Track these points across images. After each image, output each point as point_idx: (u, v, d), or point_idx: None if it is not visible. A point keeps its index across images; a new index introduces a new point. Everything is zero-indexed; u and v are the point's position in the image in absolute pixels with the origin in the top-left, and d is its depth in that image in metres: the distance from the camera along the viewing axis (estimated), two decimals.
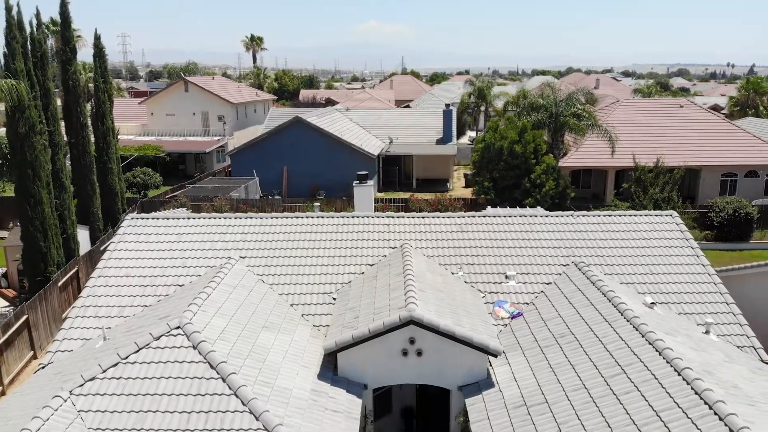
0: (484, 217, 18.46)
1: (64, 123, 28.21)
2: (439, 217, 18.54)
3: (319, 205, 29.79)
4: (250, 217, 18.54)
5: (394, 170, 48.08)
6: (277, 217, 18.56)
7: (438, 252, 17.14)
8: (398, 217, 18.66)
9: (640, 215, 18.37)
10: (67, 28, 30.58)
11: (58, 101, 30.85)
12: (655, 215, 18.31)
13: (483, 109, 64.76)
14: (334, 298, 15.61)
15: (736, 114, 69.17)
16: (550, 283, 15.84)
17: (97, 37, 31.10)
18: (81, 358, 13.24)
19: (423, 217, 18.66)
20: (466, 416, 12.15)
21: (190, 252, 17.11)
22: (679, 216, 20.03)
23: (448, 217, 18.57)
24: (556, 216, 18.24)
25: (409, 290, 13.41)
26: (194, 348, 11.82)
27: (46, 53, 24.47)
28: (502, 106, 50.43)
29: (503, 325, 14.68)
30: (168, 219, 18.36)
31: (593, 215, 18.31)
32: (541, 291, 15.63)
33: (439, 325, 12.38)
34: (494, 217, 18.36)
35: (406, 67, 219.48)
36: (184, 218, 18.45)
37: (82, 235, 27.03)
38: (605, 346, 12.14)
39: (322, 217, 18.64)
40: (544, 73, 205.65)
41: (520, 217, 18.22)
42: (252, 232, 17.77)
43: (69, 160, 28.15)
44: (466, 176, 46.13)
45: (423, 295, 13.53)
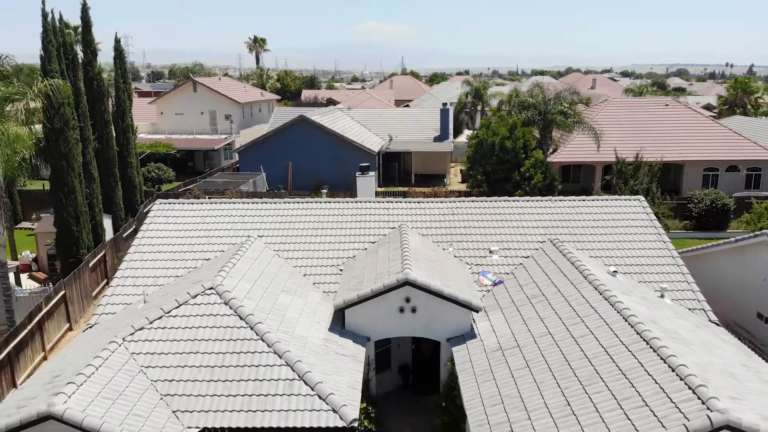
0: (472, 201, 20.81)
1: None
2: (432, 202, 20.89)
3: (326, 192, 32.04)
4: (266, 202, 20.90)
5: (393, 166, 50.37)
6: (289, 202, 20.91)
7: (431, 231, 19.49)
8: (396, 202, 21.02)
9: (612, 200, 20.72)
10: (88, 32, 32.80)
11: None
12: (624, 200, 20.66)
13: (480, 108, 66.97)
14: (341, 269, 17.96)
15: (725, 113, 71.52)
16: (528, 257, 18.19)
17: (117, 41, 33.40)
18: (126, 317, 15.57)
19: (418, 202, 21.01)
20: (453, 362, 14.49)
21: (214, 231, 19.46)
22: (659, 206, 22.34)
23: (441, 202, 20.93)
24: (536, 200, 20.59)
25: (405, 259, 15.75)
26: (225, 304, 14.17)
27: (77, 56, 26.80)
28: (497, 105, 52.68)
29: (486, 291, 17.03)
30: (192, 203, 20.71)
31: (569, 200, 20.66)
32: (520, 263, 17.99)
33: (430, 286, 14.73)
34: (481, 201, 20.69)
35: (406, 68, 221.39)
36: (206, 203, 20.81)
37: (106, 223, 29.36)
38: (569, 303, 14.49)
39: (329, 202, 21.01)
40: (543, 73, 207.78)
41: (504, 200, 20.56)
42: (268, 215, 20.12)
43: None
44: (462, 172, 48.44)
45: (417, 263, 15.87)
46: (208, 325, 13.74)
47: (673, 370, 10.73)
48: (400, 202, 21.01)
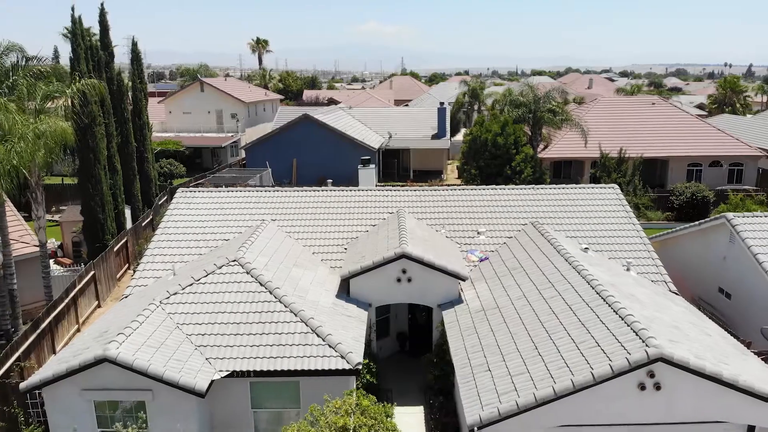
0: (463, 189, 23.09)
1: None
2: (427, 191, 23.17)
3: (331, 182, 34.29)
4: (277, 190, 23.17)
5: (393, 162, 52.68)
6: (298, 190, 23.19)
7: (426, 215, 21.76)
8: (395, 190, 23.30)
9: (588, 188, 23.00)
10: (105, 35, 35.08)
11: None
12: (600, 188, 22.94)
13: (476, 107, 69.26)
14: (346, 248, 20.23)
15: (715, 111, 73.86)
16: (512, 237, 20.46)
17: (134, 43, 35.69)
18: (158, 287, 17.82)
19: (415, 191, 23.29)
20: (443, 323, 16.75)
21: (231, 216, 21.72)
22: (641, 197, 24.42)
23: (435, 190, 23.21)
24: (520, 188, 22.89)
25: (402, 237, 18.02)
26: (247, 273, 16.44)
27: (101, 58, 29.07)
28: (491, 104, 54.93)
29: (473, 266, 19.29)
30: (211, 191, 22.98)
31: (550, 188, 22.94)
32: (504, 243, 20.27)
33: (424, 258, 17.01)
34: (470, 189, 22.97)
35: (406, 68, 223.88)
36: (224, 191, 23.08)
37: (126, 213, 31.65)
38: (543, 273, 16.76)
39: (335, 190, 23.28)
40: (541, 73, 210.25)
41: (491, 189, 22.83)
42: (279, 201, 22.39)
43: None
44: (458, 168, 50.68)
45: (413, 241, 18.13)
46: (232, 291, 16.01)
47: (622, 319, 12.99)
48: (398, 191, 23.29)
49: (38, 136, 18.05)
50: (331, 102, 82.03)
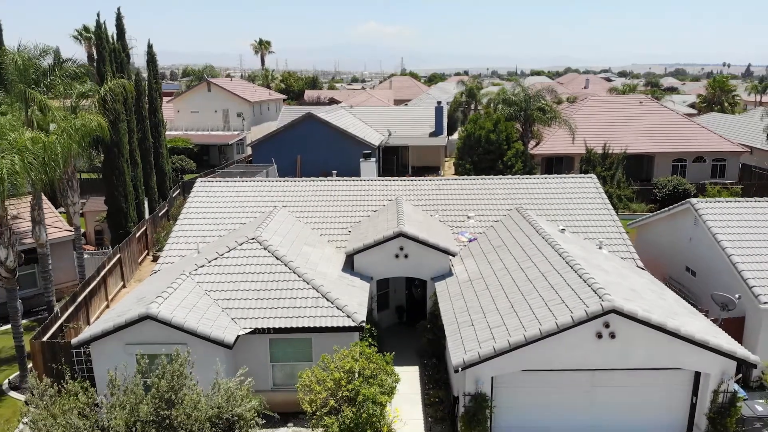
0: (455, 179, 25.47)
1: None
2: (423, 181, 25.54)
3: (336, 172, 36.66)
4: (287, 181, 25.55)
5: (392, 159, 55.04)
6: (306, 180, 25.56)
7: (421, 202, 24.14)
8: (394, 181, 25.68)
9: (569, 177, 25.38)
10: (122, 38, 37.43)
11: None
12: (579, 177, 25.32)
13: (473, 107, 71.59)
14: (349, 231, 22.61)
15: (704, 110, 76.20)
16: (498, 221, 22.85)
17: (150, 46, 38.04)
18: (184, 263, 20.18)
19: (411, 181, 25.67)
20: (435, 294, 19.12)
21: (246, 203, 24.09)
22: (624, 189, 26.67)
23: (430, 180, 25.59)
24: (507, 178, 25.27)
25: (400, 219, 20.40)
26: (265, 249, 18.83)
27: (124, 60, 31.45)
28: (486, 103, 57.31)
29: (463, 246, 21.66)
30: (227, 181, 25.36)
31: (534, 177, 25.34)
32: (491, 225, 22.65)
33: (419, 236, 19.40)
34: (462, 179, 25.35)
35: (406, 69, 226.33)
36: (239, 181, 25.47)
37: (144, 203, 34.01)
38: (523, 249, 19.14)
39: (339, 180, 25.67)
40: (540, 73, 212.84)
41: (481, 179, 25.22)
42: (289, 190, 24.77)
43: None
44: (455, 164, 53.08)
45: (410, 222, 20.50)
46: (252, 263, 18.39)
47: (585, 282, 15.36)
48: (397, 181, 25.68)
49: (75, 130, 20.37)
50: (333, 102, 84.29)
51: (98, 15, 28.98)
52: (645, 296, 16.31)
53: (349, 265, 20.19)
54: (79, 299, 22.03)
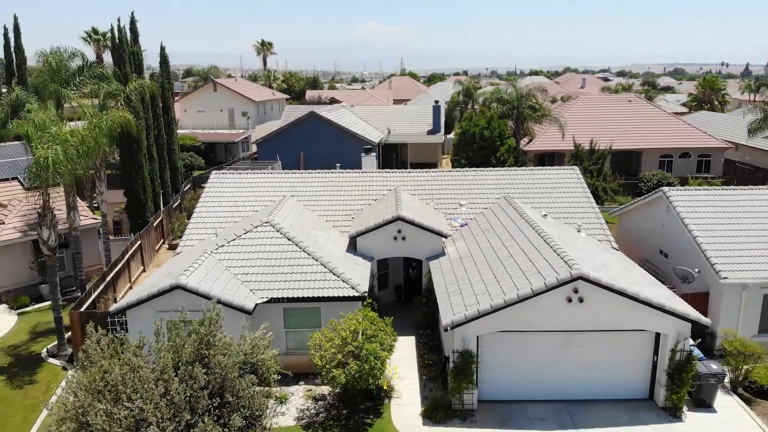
0: (448, 172, 27.77)
1: None
2: (419, 172, 27.83)
3: (339, 165, 38.97)
4: (294, 172, 27.84)
5: (391, 156, 57.33)
6: (312, 172, 27.85)
7: (418, 192, 26.43)
8: (393, 173, 27.97)
9: (553, 169, 27.65)
10: (136, 41, 39.75)
11: None
12: (563, 169, 27.60)
13: (470, 106, 73.86)
14: (352, 217, 24.91)
15: (694, 108, 78.52)
16: (487, 208, 25.14)
17: (162, 48, 40.32)
18: (205, 245, 22.46)
19: (409, 173, 27.97)
20: (430, 272, 21.40)
21: (258, 193, 26.36)
22: (610, 183, 28.87)
23: (426, 172, 27.88)
24: (497, 170, 27.57)
25: (399, 205, 22.69)
26: (277, 231, 21.12)
27: (141, 62, 33.77)
28: (482, 102, 59.63)
29: (455, 230, 23.96)
30: (240, 173, 27.65)
31: (521, 169, 27.63)
32: (481, 212, 24.94)
33: (415, 220, 21.69)
34: (455, 171, 27.64)
35: (405, 69, 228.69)
36: (251, 173, 27.77)
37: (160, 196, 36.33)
38: (508, 231, 21.43)
39: (343, 172, 27.96)
40: (538, 73, 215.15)
41: (473, 171, 27.50)
42: (297, 182, 27.05)
43: None
44: (452, 161, 55.37)
45: (407, 209, 22.80)
46: (266, 244, 20.68)
47: (559, 256, 17.62)
48: (396, 173, 27.98)
49: (107, 125, 22.65)
50: (334, 101, 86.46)
51: (119, 20, 31.31)
52: (613, 269, 18.59)
53: (353, 247, 22.47)
54: (108, 278, 24.32)
